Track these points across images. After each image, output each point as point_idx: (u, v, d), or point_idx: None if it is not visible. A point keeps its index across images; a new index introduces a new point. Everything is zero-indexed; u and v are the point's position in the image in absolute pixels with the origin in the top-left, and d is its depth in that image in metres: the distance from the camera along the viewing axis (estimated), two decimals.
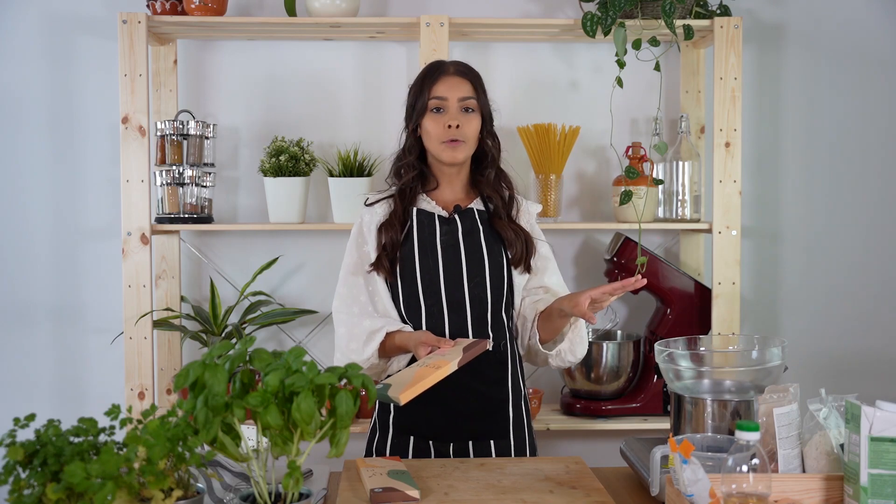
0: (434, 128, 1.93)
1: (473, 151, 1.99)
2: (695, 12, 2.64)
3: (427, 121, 1.94)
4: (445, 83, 1.94)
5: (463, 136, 1.93)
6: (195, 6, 2.56)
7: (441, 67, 1.97)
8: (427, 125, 1.94)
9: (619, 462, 1.99)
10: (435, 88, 1.94)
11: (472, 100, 1.94)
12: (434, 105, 1.94)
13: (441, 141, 1.93)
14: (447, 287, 1.93)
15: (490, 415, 1.97)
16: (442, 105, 1.93)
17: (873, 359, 2.93)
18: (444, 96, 1.93)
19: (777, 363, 1.69)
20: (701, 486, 1.32)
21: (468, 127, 1.93)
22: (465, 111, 1.94)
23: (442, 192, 2.01)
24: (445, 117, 1.93)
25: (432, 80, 1.95)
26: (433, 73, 1.96)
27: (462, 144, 1.93)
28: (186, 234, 2.83)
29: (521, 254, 1.97)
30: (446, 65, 1.98)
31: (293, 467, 1.26)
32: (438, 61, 2.01)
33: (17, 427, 1.26)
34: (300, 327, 2.85)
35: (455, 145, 1.93)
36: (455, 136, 1.92)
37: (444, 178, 2.00)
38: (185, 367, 1.29)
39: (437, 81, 1.94)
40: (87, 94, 2.79)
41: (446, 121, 1.92)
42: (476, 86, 1.96)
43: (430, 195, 2.00)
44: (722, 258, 2.62)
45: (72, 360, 2.82)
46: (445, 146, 1.93)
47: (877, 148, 2.93)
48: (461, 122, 1.92)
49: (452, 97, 1.93)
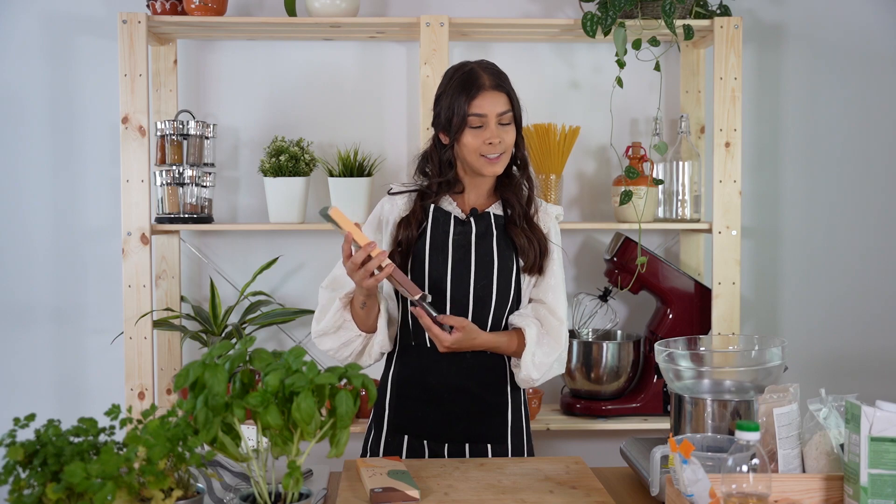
0: (473, 142, 1.90)
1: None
2: (695, 12, 2.64)
3: (466, 136, 1.90)
4: (484, 99, 1.89)
5: (503, 150, 1.92)
6: (195, 6, 2.56)
7: (478, 81, 1.90)
8: (466, 140, 1.90)
9: (619, 462, 1.99)
10: (474, 105, 1.89)
11: (509, 113, 1.91)
12: (473, 122, 1.89)
13: (481, 154, 1.91)
14: (453, 286, 1.93)
15: (489, 419, 1.96)
16: (481, 121, 1.90)
17: (873, 359, 2.93)
18: (484, 113, 1.89)
19: (777, 363, 1.69)
20: (701, 486, 1.32)
21: (507, 140, 1.92)
22: (502, 125, 1.91)
23: (466, 196, 2.00)
24: (486, 133, 1.89)
25: (470, 95, 1.89)
26: (470, 88, 1.90)
27: (502, 157, 1.92)
28: (186, 234, 2.83)
29: (534, 261, 1.96)
30: (482, 77, 1.91)
31: (293, 467, 1.26)
32: (472, 70, 1.93)
33: (17, 427, 1.26)
34: (300, 327, 2.85)
35: (495, 161, 1.92)
36: (496, 151, 1.91)
37: (471, 184, 1.99)
38: (185, 367, 1.29)
39: (475, 97, 1.89)
40: (87, 94, 2.79)
41: (487, 137, 1.89)
42: (511, 97, 1.93)
43: (453, 197, 2.00)
44: (722, 258, 2.62)
45: (72, 360, 2.82)
46: (486, 161, 1.91)
47: (877, 147, 2.93)
48: (501, 137, 1.91)
49: (492, 113, 1.89)
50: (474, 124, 1.89)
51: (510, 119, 1.92)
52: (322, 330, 1.93)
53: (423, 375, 1.95)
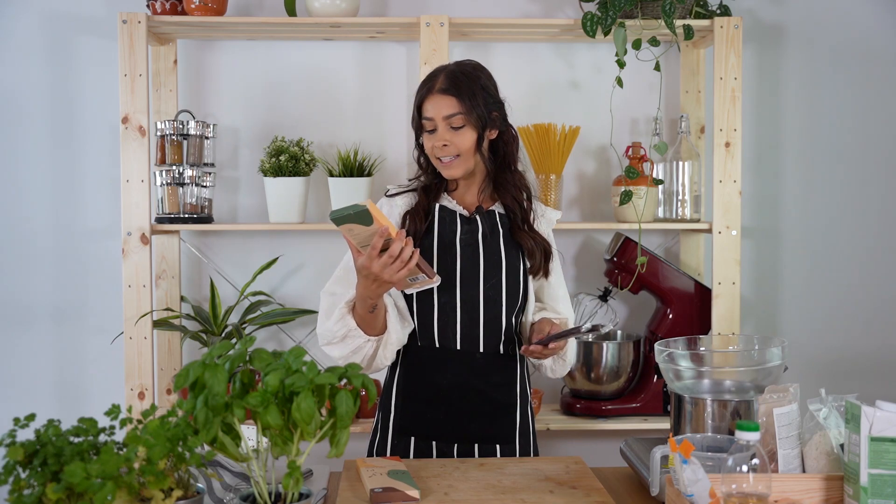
0: (427, 146, 1.94)
1: (475, 163, 1.96)
2: (695, 12, 2.64)
3: (424, 139, 1.95)
4: (431, 102, 1.91)
5: (453, 154, 1.91)
6: (195, 6, 2.56)
7: (430, 84, 1.92)
8: (424, 143, 1.95)
9: (619, 462, 1.99)
10: (423, 107, 1.92)
11: (458, 116, 1.89)
12: (425, 125, 1.92)
13: (434, 157, 1.93)
14: (462, 285, 1.92)
15: (497, 419, 1.96)
16: (431, 125, 1.92)
17: (873, 359, 2.93)
18: (431, 116, 1.91)
19: (777, 363, 1.69)
20: (701, 486, 1.32)
21: (459, 143, 1.90)
22: (452, 129, 1.90)
23: (461, 194, 2.01)
24: (434, 137, 1.92)
25: (421, 97, 1.93)
26: (421, 91, 1.93)
27: (455, 160, 1.92)
28: (186, 234, 2.83)
29: (540, 263, 1.98)
30: (436, 80, 1.92)
31: (293, 467, 1.26)
32: (435, 72, 1.95)
33: (17, 427, 1.26)
34: (300, 327, 2.85)
35: (448, 164, 1.92)
36: (443, 154, 1.91)
37: (461, 183, 2.01)
38: (185, 367, 1.29)
39: (424, 100, 1.92)
40: (87, 94, 2.79)
41: (434, 141, 1.92)
42: (463, 99, 1.89)
43: (452, 195, 2.01)
44: (722, 258, 2.62)
45: (72, 360, 2.82)
46: (440, 163, 1.93)
47: (877, 147, 2.93)
48: (448, 141, 1.90)
49: (438, 116, 1.90)
50: (426, 127, 1.92)
51: (462, 122, 1.90)
52: (327, 340, 1.89)
53: (432, 376, 1.94)
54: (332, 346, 1.89)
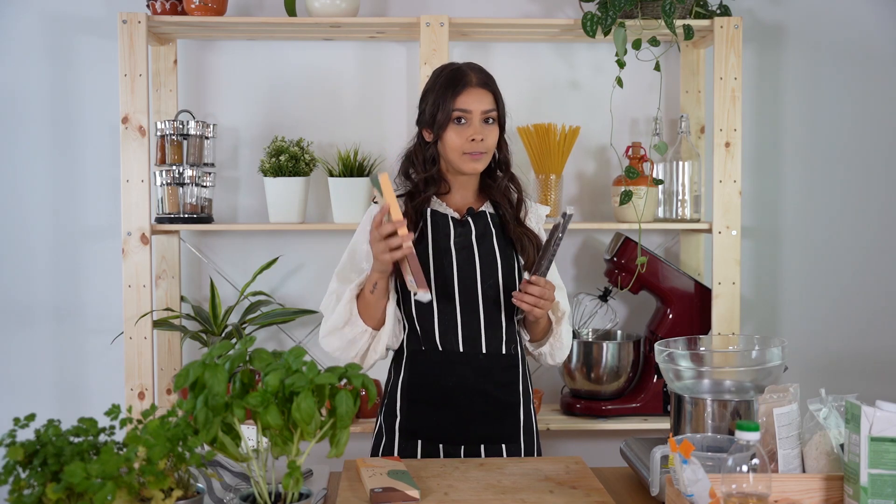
0: (457, 139, 1.92)
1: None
2: (695, 12, 2.64)
3: (450, 132, 1.92)
4: (469, 95, 1.92)
5: (485, 148, 1.93)
6: (195, 6, 2.56)
7: (464, 78, 1.93)
8: (449, 136, 1.92)
9: (619, 462, 1.99)
10: (459, 100, 1.91)
11: (493, 112, 1.93)
12: (457, 116, 1.92)
13: (463, 152, 1.92)
14: (461, 289, 1.93)
15: (501, 419, 1.96)
16: (465, 117, 1.92)
17: (873, 359, 2.93)
18: (469, 109, 1.91)
19: (777, 363, 1.69)
20: (701, 486, 1.32)
21: (490, 139, 1.93)
22: (486, 122, 1.93)
23: (453, 197, 2.01)
24: (469, 130, 1.91)
25: (455, 91, 1.92)
26: (456, 84, 1.92)
27: (483, 156, 1.94)
28: (186, 234, 2.83)
29: (534, 258, 1.97)
30: (469, 75, 1.94)
31: (293, 467, 1.26)
32: (458, 69, 1.96)
33: (17, 427, 1.26)
34: (300, 327, 2.85)
35: (478, 157, 1.93)
36: (479, 148, 1.92)
37: (456, 184, 2.00)
38: (185, 367, 1.29)
39: (460, 93, 1.91)
40: (87, 94, 2.79)
41: (470, 134, 1.91)
42: (497, 96, 1.95)
43: (442, 198, 2.00)
44: (722, 258, 2.62)
45: (72, 360, 2.83)
46: (468, 158, 1.93)
47: (877, 147, 2.93)
48: (484, 135, 1.92)
49: (476, 110, 1.91)
50: (457, 118, 1.92)
51: (494, 118, 1.94)
52: (331, 326, 1.90)
53: (437, 379, 1.94)
54: (331, 337, 1.91)
